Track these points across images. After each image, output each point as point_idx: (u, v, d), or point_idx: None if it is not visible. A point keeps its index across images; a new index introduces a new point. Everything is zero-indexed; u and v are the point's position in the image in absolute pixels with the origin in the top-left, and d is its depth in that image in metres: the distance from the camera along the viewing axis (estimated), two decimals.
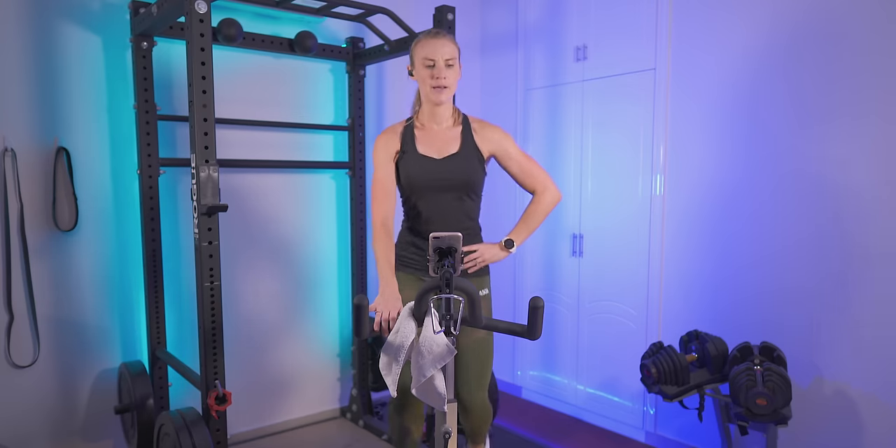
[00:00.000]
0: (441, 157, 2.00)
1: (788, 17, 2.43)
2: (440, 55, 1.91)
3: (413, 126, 2.05)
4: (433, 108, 2.01)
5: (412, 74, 2.01)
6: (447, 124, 2.05)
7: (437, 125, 2.04)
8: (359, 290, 3.20)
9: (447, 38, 1.95)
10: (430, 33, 1.96)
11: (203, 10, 2.00)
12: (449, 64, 1.92)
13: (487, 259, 2.03)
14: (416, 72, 1.97)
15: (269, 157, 2.98)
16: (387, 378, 1.61)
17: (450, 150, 2.01)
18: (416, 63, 1.96)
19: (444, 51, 1.92)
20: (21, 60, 2.37)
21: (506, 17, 3.61)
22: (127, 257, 2.66)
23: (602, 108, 3.12)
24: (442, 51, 1.91)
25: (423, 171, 1.99)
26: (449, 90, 1.96)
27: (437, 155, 2.01)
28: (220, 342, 2.18)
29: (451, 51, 1.93)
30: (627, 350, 3.05)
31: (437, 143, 2.02)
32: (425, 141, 2.02)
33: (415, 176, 2.00)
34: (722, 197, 2.68)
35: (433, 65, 1.92)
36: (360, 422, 3.20)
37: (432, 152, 2.01)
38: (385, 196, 2.00)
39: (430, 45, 1.92)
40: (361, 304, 1.47)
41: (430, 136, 2.03)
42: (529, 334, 1.50)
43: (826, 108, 2.34)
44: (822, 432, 2.40)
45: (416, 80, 2.00)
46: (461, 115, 2.08)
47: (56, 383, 2.53)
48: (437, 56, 1.91)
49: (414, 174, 2.00)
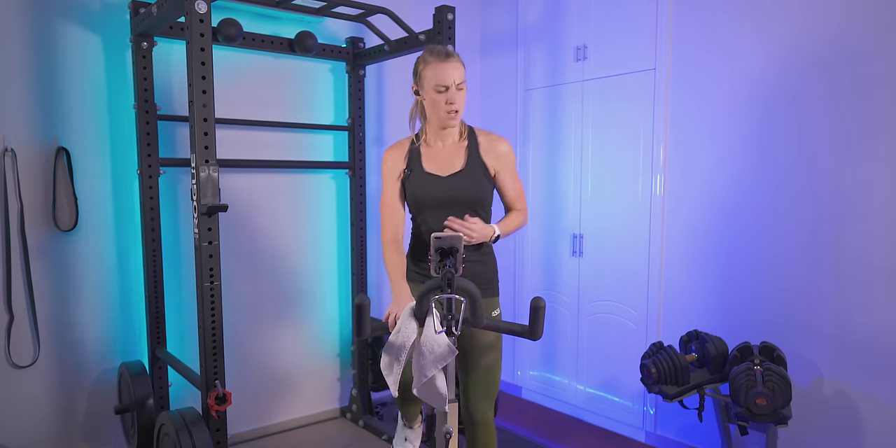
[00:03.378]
0: (446, 174, 1.98)
1: (789, 17, 2.43)
2: (452, 80, 1.87)
3: (419, 143, 2.04)
4: (443, 129, 1.99)
5: (418, 94, 1.97)
6: (453, 140, 2.02)
7: (442, 142, 2.02)
8: (359, 291, 3.20)
9: (456, 59, 1.90)
10: (439, 56, 1.89)
11: (203, 10, 2.00)
12: (459, 87, 1.89)
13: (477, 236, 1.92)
14: (426, 95, 1.92)
15: (270, 158, 2.98)
16: (388, 378, 1.61)
17: (455, 167, 1.99)
18: (426, 86, 1.91)
19: (456, 74, 1.88)
20: (21, 60, 2.37)
21: (506, 17, 3.61)
22: (127, 257, 2.66)
23: (602, 108, 3.12)
24: (454, 75, 1.87)
25: (429, 190, 1.98)
26: (460, 113, 1.94)
27: (443, 172, 1.99)
28: (220, 342, 2.18)
29: (461, 73, 1.90)
30: (627, 350, 3.05)
31: (443, 161, 2.00)
32: (431, 158, 2.01)
33: (421, 194, 1.98)
34: (722, 197, 2.68)
35: (445, 90, 1.88)
36: (360, 422, 3.19)
37: (438, 170, 1.99)
38: (392, 213, 2.02)
39: (442, 69, 1.87)
40: (362, 304, 1.47)
41: (435, 153, 2.01)
42: (531, 334, 1.50)
43: (827, 109, 2.34)
44: (822, 432, 2.40)
45: (425, 101, 1.95)
46: (467, 129, 2.05)
47: (56, 383, 2.53)
48: (450, 81, 1.87)
49: (420, 192, 1.98)
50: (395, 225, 2.00)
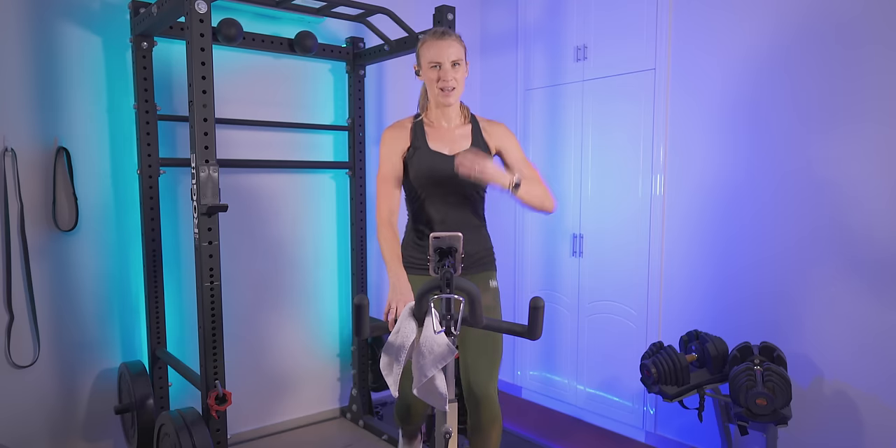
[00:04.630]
0: (453, 153, 2.00)
1: (790, 17, 2.43)
2: (445, 57, 1.90)
3: (422, 123, 2.05)
4: (442, 108, 2.01)
5: (419, 74, 2.00)
6: (457, 122, 2.05)
7: (446, 123, 2.04)
8: (359, 290, 3.20)
9: (452, 38, 1.93)
10: (435, 34, 1.94)
11: (203, 10, 2.00)
12: (455, 65, 1.91)
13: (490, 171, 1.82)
14: (423, 73, 1.97)
15: (270, 157, 2.98)
16: (387, 378, 1.61)
17: (462, 146, 2.01)
18: (423, 64, 1.95)
19: (450, 52, 1.90)
20: (21, 60, 2.37)
21: (506, 17, 3.61)
22: (127, 257, 2.66)
23: (602, 108, 3.12)
24: (447, 52, 1.90)
25: (436, 166, 1.98)
26: (457, 91, 1.95)
27: (449, 151, 2.01)
28: (220, 342, 2.18)
29: (457, 51, 1.92)
30: (627, 350, 3.05)
31: (448, 140, 2.03)
32: (436, 137, 2.03)
33: (426, 171, 1.99)
34: (722, 197, 2.68)
35: (439, 67, 1.91)
36: (360, 422, 3.19)
37: (444, 148, 2.01)
38: (391, 191, 1.99)
39: (436, 46, 1.91)
40: (361, 304, 1.47)
41: (440, 133, 2.03)
42: (530, 334, 1.50)
43: (827, 109, 2.34)
44: (822, 432, 2.40)
45: (424, 80, 1.99)
46: (470, 114, 2.09)
47: (56, 383, 2.53)
48: (443, 58, 1.90)
49: (426, 169, 1.99)
50: (392, 206, 1.98)
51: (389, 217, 1.96)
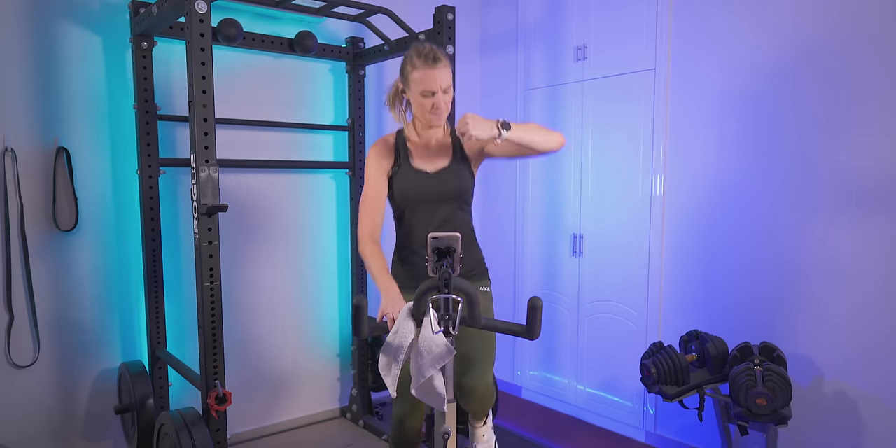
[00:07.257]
0: (434, 170, 1.99)
1: (790, 17, 2.43)
2: (439, 86, 1.86)
3: (405, 139, 2.03)
4: (428, 127, 1.99)
5: (404, 93, 1.96)
6: (438, 137, 2.04)
7: (429, 138, 2.03)
8: (359, 290, 3.20)
9: (442, 63, 1.87)
10: (427, 61, 1.85)
11: (203, 10, 2.01)
12: (446, 91, 1.88)
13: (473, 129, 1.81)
14: (413, 97, 1.91)
15: (270, 157, 2.98)
16: (386, 379, 1.61)
17: (442, 163, 2.01)
18: (413, 89, 1.89)
19: (443, 79, 1.86)
20: (21, 60, 2.38)
21: (506, 17, 3.61)
22: (127, 257, 2.66)
23: (602, 107, 3.11)
24: (440, 80, 1.85)
25: (418, 186, 1.97)
26: (447, 113, 1.93)
27: (430, 168, 2.00)
28: (220, 342, 2.18)
29: (448, 76, 1.88)
30: (627, 350, 3.04)
31: (430, 157, 2.01)
32: (418, 154, 2.01)
33: (409, 190, 1.97)
34: (722, 197, 2.68)
35: (432, 95, 1.87)
36: (360, 422, 3.20)
37: (427, 166, 2.00)
38: (375, 210, 1.96)
39: (430, 76, 1.85)
40: (361, 305, 1.47)
41: (422, 149, 2.02)
42: (528, 334, 1.50)
43: (827, 109, 2.34)
44: (822, 432, 2.40)
45: (412, 102, 1.94)
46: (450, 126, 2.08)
47: (56, 383, 2.53)
48: (437, 87, 1.86)
49: (408, 188, 1.98)
50: (375, 224, 1.95)
51: (371, 233, 1.93)
